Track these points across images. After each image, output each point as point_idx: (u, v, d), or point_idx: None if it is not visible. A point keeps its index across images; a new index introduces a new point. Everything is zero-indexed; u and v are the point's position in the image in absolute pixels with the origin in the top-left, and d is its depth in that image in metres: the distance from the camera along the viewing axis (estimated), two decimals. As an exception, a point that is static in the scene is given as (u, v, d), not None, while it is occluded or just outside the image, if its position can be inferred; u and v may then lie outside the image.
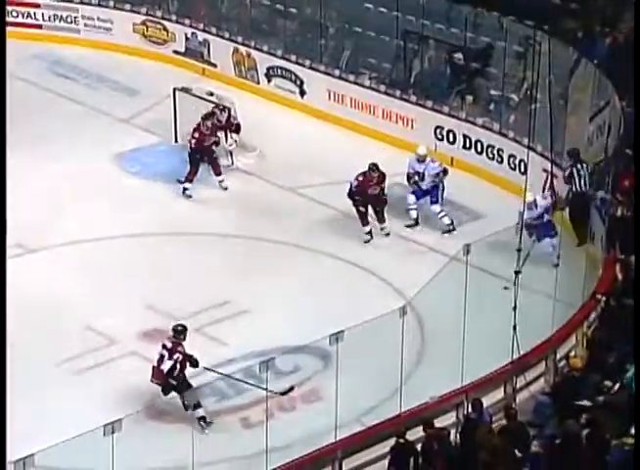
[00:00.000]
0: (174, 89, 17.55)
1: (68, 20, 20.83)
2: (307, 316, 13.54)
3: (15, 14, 20.88)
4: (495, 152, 16.64)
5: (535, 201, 14.17)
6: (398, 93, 17.74)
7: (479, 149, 16.83)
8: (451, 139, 17.08)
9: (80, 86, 19.30)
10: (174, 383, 11.90)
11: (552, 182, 15.17)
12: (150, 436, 11.40)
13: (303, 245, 15.19)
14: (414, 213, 15.59)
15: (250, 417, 12.03)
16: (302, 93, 18.77)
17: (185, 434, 10.92)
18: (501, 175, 16.46)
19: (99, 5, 20.76)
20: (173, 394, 11.95)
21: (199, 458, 10.74)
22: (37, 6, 20.94)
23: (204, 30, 19.87)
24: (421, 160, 15.61)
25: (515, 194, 15.15)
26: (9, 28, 20.20)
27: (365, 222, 15.23)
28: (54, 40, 20.78)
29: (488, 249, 13.02)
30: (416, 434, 11.21)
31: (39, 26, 20.98)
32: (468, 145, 16.94)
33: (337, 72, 18.43)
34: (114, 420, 9.92)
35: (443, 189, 15.52)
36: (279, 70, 19.00)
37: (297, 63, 18.77)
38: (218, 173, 16.31)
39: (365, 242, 15.15)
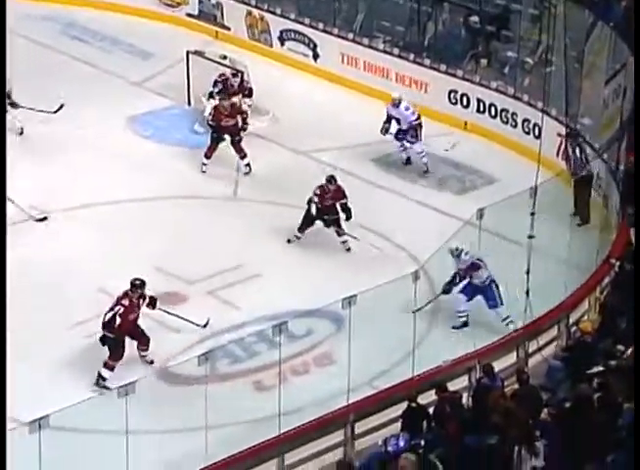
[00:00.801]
0: (187, 52, 17.49)
1: (83, -19, 20.76)
2: (320, 280, 13.55)
3: (29, -25, 20.80)
4: (509, 116, 16.56)
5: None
6: (412, 56, 17.64)
7: (492, 113, 16.75)
8: (465, 103, 17.00)
9: (94, 49, 19.25)
10: (110, 335, 11.94)
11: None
12: (163, 398, 11.46)
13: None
14: (404, 155, 15.99)
15: (262, 380, 12.08)
16: (316, 56, 18.69)
17: (198, 397, 10.95)
18: (515, 139, 16.39)
19: (114, -33, 20.67)
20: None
21: (211, 421, 10.80)
22: (52, -33, 20.86)
23: (216, -7, 19.79)
24: (396, 104, 15.73)
25: (529, 158, 15.09)
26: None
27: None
28: (68, 2, 20.71)
29: (502, 213, 12.97)
30: (428, 398, 11.24)
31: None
32: (482, 109, 16.86)
33: (350, 36, 18.33)
34: (128, 382, 9.98)
35: (421, 128, 15.71)
36: (292, 34, 18.91)
37: (310, 26, 18.68)
38: (242, 157, 15.99)
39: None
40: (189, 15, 20.16)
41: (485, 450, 10.20)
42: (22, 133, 16.17)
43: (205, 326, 12.63)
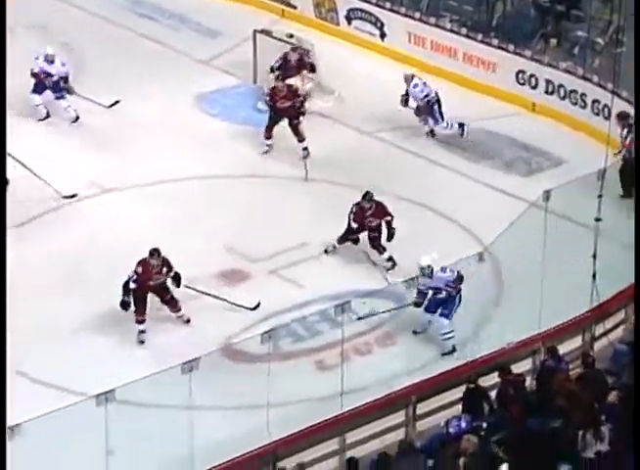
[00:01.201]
0: (254, 31, 17.49)
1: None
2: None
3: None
4: (578, 97, 16.34)
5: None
6: (480, 36, 17.47)
7: (561, 94, 16.54)
8: (533, 84, 16.80)
9: (161, 27, 19.33)
10: (125, 298, 12.28)
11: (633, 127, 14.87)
12: (226, 375, 11.52)
13: (380, 188, 15.10)
14: (426, 128, 16.15)
15: (324, 360, 12.08)
16: (382, 35, 18.59)
17: (260, 375, 11.01)
18: (584, 121, 16.18)
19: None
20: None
21: (273, 399, 10.85)
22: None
23: (284, -28, 19.73)
24: (408, 81, 15.89)
25: (598, 140, 14.90)
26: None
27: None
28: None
29: (569, 195, 12.83)
30: (491, 380, 11.18)
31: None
32: (550, 90, 16.65)
33: (417, 15, 18.19)
34: (192, 358, 10.05)
35: (440, 106, 15.80)
36: (359, 12, 18.82)
37: (377, 5, 18.56)
38: (300, 140, 15.88)
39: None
40: (256, -7, 20.14)
41: (549, 434, 10.13)
42: (75, 121, 16.27)
43: (254, 309, 12.63)
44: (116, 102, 16.20)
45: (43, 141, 15.92)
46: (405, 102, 16.17)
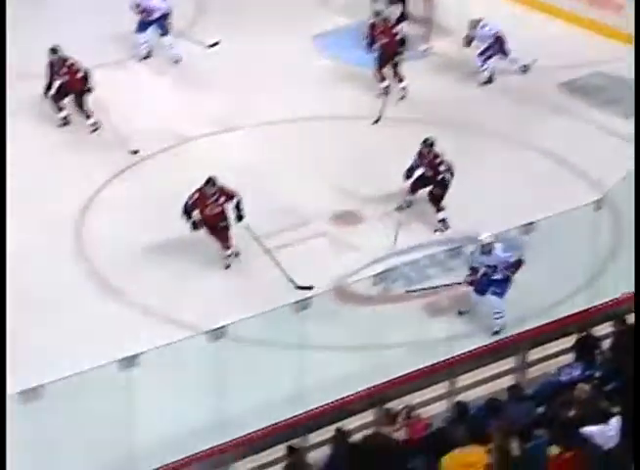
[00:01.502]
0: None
1: None
2: (497, 206, 13.34)
3: None
4: None
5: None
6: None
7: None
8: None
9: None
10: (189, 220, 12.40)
11: None
12: (337, 316, 11.57)
13: (501, 133, 14.91)
14: (486, 73, 16.00)
15: (435, 303, 12.04)
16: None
17: (371, 316, 11.03)
18: None
19: None
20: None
21: (384, 340, 10.86)
22: None
23: None
24: (475, 24, 15.87)
25: None
26: None
27: None
28: None
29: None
30: (606, 329, 11.00)
31: None
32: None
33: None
34: (305, 298, 10.11)
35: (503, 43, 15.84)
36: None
37: None
38: (399, 80, 15.64)
39: None
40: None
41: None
42: (177, 62, 16.32)
43: (303, 288, 11.96)
44: (216, 43, 16.18)
45: (151, 81, 16.07)
46: (468, 43, 16.02)
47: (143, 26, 16.28)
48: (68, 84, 14.65)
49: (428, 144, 13.27)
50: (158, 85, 16.05)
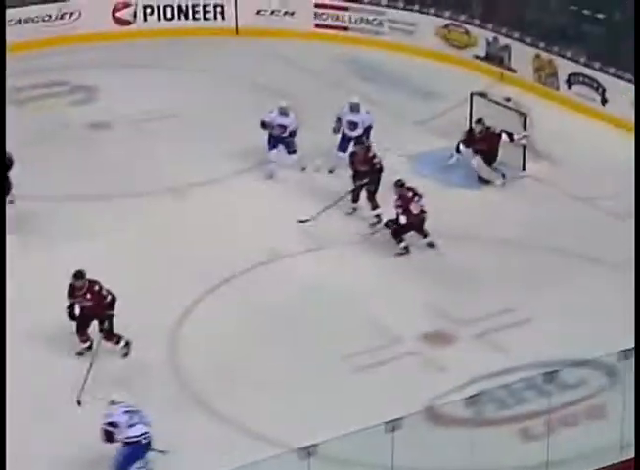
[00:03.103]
0: (471, 93, 17.51)
1: (374, 22, 21.23)
2: (594, 330, 13.16)
3: (324, 16, 21.53)
4: None
5: None
6: None
7: None
8: None
9: (380, 88, 19.61)
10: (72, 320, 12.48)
11: None
12: (429, 437, 11.41)
13: (594, 257, 14.78)
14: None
15: (529, 428, 11.80)
16: (604, 101, 18.28)
17: (463, 440, 10.84)
18: None
19: (404, 9, 21.04)
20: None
21: (475, 465, 10.65)
22: (345, 9, 21.48)
23: (506, 35, 19.73)
24: (355, 109, 16.03)
25: None
26: (318, 30, 20.92)
27: None
28: (356, 42, 21.27)
29: None
30: None
31: (346, 29, 21.52)
32: None
33: (642, 81, 17.83)
34: (396, 418, 10.00)
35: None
36: (581, 78, 18.58)
37: (600, 70, 18.29)
38: (373, 207, 15.54)
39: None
40: (476, 56, 20.22)
41: None
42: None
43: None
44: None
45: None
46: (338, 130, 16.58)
47: (273, 142, 16.51)
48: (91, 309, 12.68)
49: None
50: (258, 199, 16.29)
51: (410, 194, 14.76)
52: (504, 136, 16.42)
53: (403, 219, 14.67)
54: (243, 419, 11.94)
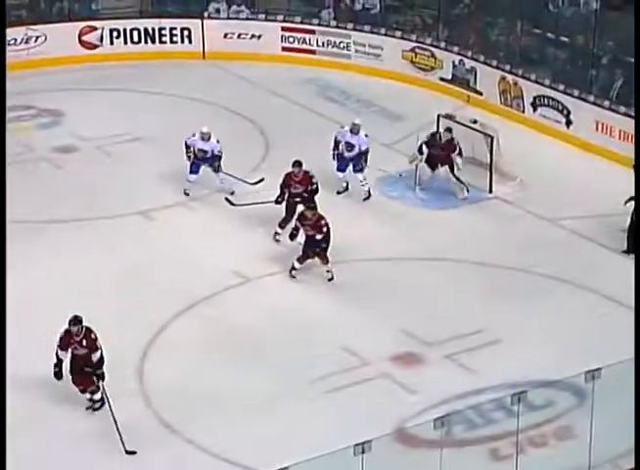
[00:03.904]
0: (438, 116, 17.60)
1: (341, 45, 21.32)
2: (562, 350, 13.22)
3: (291, 39, 21.61)
4: None
5: None
6: (672, 127, 17.12)
7: None
8: None
9: (347, 111, 19.68)
10: (55, 369, 12.03)
11: None
12: (398, 459, 11.38)
13: (561, 277, 14.86)
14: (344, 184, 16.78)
15: (499, 449, 11.81)
16: (569, 123, 18.42)
17: (432, 461, 10.82)
18: None
19: (371, 32, 21.14)
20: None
21: (445, 486, 10.64)
22: (312, 32, 21.57)
23: (472, 58, 19.86)
24: (355, 131, 16.19)
25: None
26: (286, 53, 20.99)
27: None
28: (327, 66, 21.36)
29: None
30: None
31: (313, 52, 21.59)
32: None
33: (606, 103, 17.97)
34: (365, 440, 9.98)
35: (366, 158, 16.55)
36: (546, 100, 18.73)
37: (565, 92, 18.45)
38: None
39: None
40: (442, 79, 20.33)
41: None
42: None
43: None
44: (261, 180, 16.44)
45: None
46: (339, 154, 16.71)
47: (194, 168, 16.63)
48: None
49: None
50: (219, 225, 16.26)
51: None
52: (457, 151, 16.61)
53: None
54: (210, 444, 11.87)
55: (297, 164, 15.48)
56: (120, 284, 14.55)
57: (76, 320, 12.00)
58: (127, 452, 11.60)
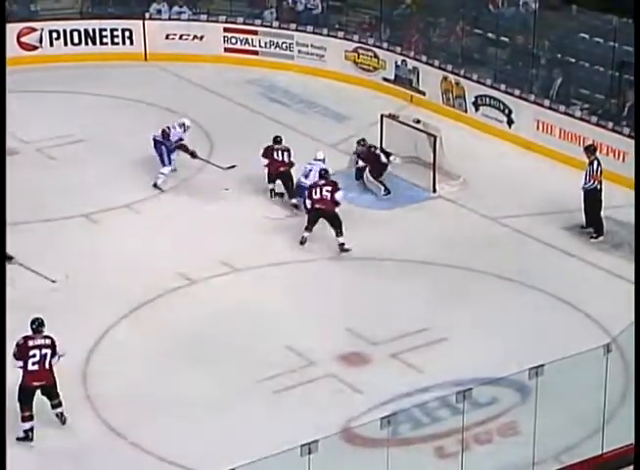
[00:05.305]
0: (382, 115, 17.67)
1: (284, 46, 21.32)
2: (506, 348, 13.33)
3: (234, 40, 21.56)
4: None
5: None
6: (611, 125, 17.31)
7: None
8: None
9: (291, 111, 19.69)
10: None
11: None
12: (345, 459, 11.40)
13: (504, 275, 14.98)
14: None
15: (444, 447, 11.89)
16: (510, 122, 18.58)
17: (379, 460, 10.86)
18: None
19: (313, 32, 21.17)
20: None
21: (392, 485, 10.68)
22: (255, 33, 21.55)
23: (414, 58, 19.96)
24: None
25: None
26: (228, 54, 20.94)
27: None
28: (271, 66, 21.33)
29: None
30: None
31: (256, 53, 21.57)
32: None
33: (546, 102, 18.15)
34: (312, 441, 9.99)
35: None
36: (487, 99, 18.88)
37: (506, 92, 18.61)
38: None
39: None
40: (385, 79, 20.41)
41: None
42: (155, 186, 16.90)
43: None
44: (234, 166, 16.46)
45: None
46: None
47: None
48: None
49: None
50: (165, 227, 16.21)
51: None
52: (382, 156, 16.85)
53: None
54: (156, 446, 11.82)
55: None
56: (65, 287, 14.43)
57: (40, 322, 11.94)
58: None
